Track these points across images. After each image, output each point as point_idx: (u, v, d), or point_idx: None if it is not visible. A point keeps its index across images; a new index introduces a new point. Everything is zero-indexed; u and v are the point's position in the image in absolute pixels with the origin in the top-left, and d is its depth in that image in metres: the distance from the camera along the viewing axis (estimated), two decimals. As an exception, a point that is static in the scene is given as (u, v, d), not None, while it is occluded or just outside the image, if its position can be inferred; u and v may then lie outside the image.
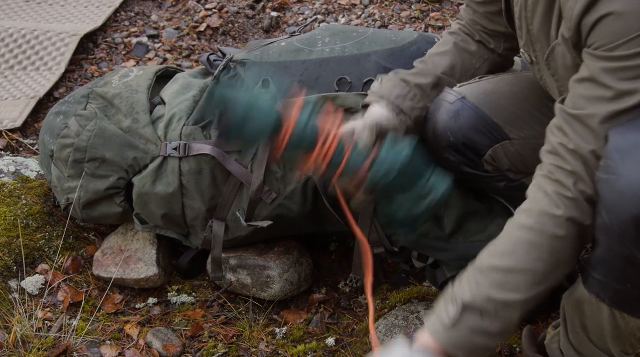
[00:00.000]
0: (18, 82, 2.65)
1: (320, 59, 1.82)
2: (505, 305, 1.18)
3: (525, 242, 1.19)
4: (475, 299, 1.19)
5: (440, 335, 1.21)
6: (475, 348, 1.21)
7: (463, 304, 1.19)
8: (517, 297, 1.18)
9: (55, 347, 1.72)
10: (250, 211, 1.79)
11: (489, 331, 1.19)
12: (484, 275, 1.21)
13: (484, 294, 1.19)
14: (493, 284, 1.19)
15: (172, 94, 1.88)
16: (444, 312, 1.22)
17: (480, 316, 1.19)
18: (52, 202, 2.05)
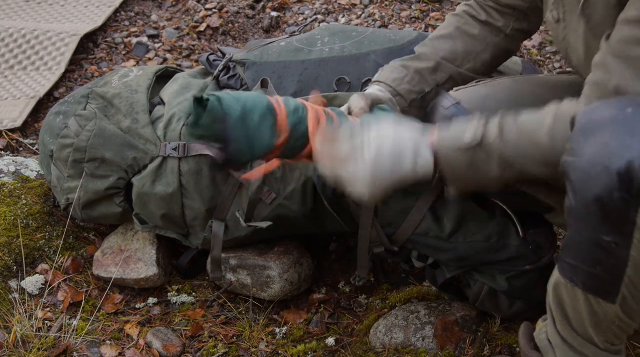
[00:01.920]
0: (18, 82, 2.65)
1: (319, 58, 1.82)
2: (509, 165, 1.21)
3: (549, 126, 1.20)
4: (491, 144, 1.22)
5: (445, 147, 1.25)
6: (465, 178, 1.26)
7: (482, 142, 1.22)
8: (529, 167, 1.21)
9: (55, 347, 1.72)
10: (249, 211, 1.79)
11: (487, 171, 1.24)
12: (512, 130, 1.22)
13: (502, 147, 1.21)
14: (514, 145, 1.21)
15: (171, 94, 1.88)
16: (461, 133, 1.24)
17: (487, 156, 1.22)
18: (52, 202, 2.05)
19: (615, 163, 1.02)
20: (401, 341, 1.75)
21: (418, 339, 1.74)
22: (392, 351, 1.74)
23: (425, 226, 1.74)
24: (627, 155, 1.01)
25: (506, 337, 1.76)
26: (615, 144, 1.03)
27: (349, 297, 1.96)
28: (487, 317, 1.82)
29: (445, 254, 1.74)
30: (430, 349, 1.73)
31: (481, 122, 1.25)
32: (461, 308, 1.80)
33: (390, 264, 2.03)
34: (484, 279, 1.73)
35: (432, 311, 1.79)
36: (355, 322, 1.88)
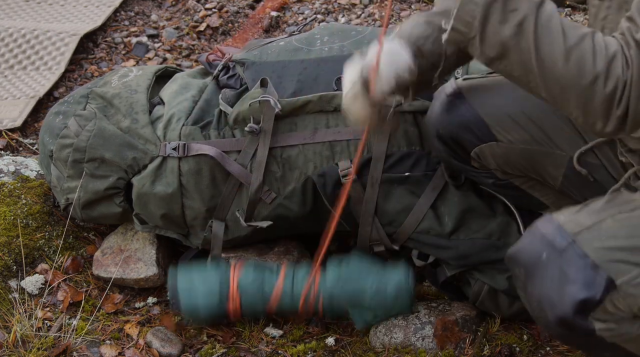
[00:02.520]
0: (18, 82, 2.64)
1: (319, 58, 1.82)
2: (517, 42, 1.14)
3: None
4: (529, 12, 1.14)
5: None
6: (475, 8, 1.16)
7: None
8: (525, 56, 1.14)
9: (55, 347, 1.72)
10: (250, 210, 1.79)
11: (496, 24, 1.15)
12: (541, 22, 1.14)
13: (535, 17, 1.14)
14: (544, 25, 1.14)
15: (171, 94, 1.88)
16: None
17: (513, 13, 1.14)
18: (52, 202, 2.05)
19: (554, 314, 1.17)
20: (401, 341, 1.75)
21: (418, 339, 1.74)
22: (392, 350, 1.74)
23: (426, 225, 1.74)
24: (558, 313, 1.16)
25: (506, 337, 1.76)
26: (545, 298, 1.18)
27: (349, 297, 1.96)
28: (487, 317, 1.81)
29: (446, 252, 1.74)
30: (430, 349, 1.73)
31: None
32: (461, 308, 1.80)
33: (390, 264, 2.03)
34: (484, 278, 1.73)
35: (432, 310, 1.79)
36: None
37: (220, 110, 1.82)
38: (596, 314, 1.16)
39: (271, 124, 1.74)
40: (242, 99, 1.78)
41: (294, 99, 1.75)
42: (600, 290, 1.13)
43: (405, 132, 1.75)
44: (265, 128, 1.75)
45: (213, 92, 1.88)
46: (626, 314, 1.15)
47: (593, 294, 1.14)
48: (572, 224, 1.19)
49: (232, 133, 1.80)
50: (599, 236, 1.17)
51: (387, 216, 1.76)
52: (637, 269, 1.13)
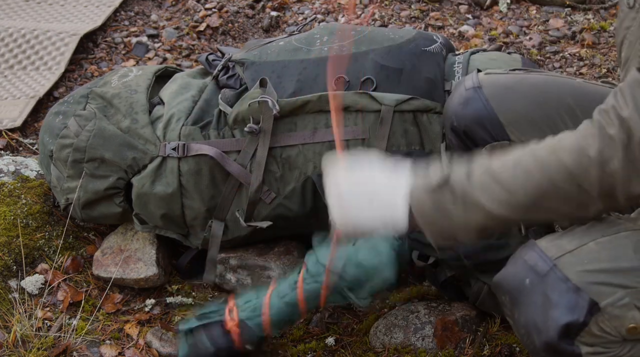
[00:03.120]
0: (18, 82, 2.65)
1: (318, 58, 1.82)
2: (475, 206, 1.18)
3: (525, 167, 1.17)
4: (457, 183, 1.18)
5: (417, 191, 1.22)
6: (433, 223, 1.22)
7: (448, 180, 1.19)
8: (489, 207, 1.17)
9: (55, 347, 1.72)
10: (249, 211, 1.79)
11: (453, 215, 1.19)
12: (480, 171, 1.20)
13: (466, 184, 1.18)
14: (479, 183, 1.18)
15: (170, 94, 1.88)
16: (431, 175, 1.22)
17: (453, 198, 1.18)
18: (52, 202, 2.05)
19: (540, 339, 1.18)
20: (401, 341, 1.75)
21: (418, 339, 1.74)
22: (392, 350, 1.74)
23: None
24: (544, 338, 1.17)
25: (506, 337, 1.76)
26: (531, 324, 1.19)
27: (349, 297, 1.96)
28: (487, 317, 1.81)
29: (446, 252, 1.74)
30: (430, 349, 1.73)
31: (449, 162, 1.23)
32: (461, 308, 1.80)
33: (390, 264, 2.03)
34: (484, 278, 1.73)
35: (432, 310, 1.79)
36: (355, 322, 1.88)
37: (219, 111, 1.82)
38: (582, 338, 1.15)
39: (270, 124, 1.74)
40: (242, 99, 1.78)
41: (294, 99, 1.75)
42: (583, 313, 1.13)
43: (405, 131, 1.75)
44: (264, 128, 1.75)
45: (213, 92, 1.88)
46: (614, 337, 1.15)
47: (576, 317, 1.13)
48: (554, 248, 1.19)
49: (232, 133, 1.80)
50: (581, 259, 1.16)
51: None
52: (621, 291, 1.13)
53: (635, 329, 1.13)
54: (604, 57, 2.75)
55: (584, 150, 1.10)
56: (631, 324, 1.13)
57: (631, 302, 1.12)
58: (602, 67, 2.70)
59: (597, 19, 2.95)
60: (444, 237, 1.24)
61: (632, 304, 1.12)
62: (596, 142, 1.09)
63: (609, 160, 1.08)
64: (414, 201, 1.22)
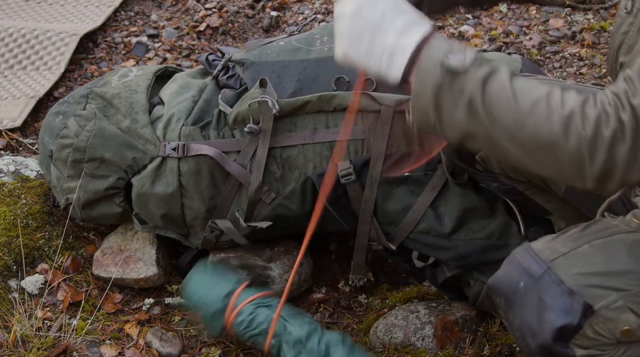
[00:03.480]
0: (18, 82, 2.65)
1: (318, 58, 1.81)
2: (476, 117, 1.11)
3: (544, 109, 1.08)
4: (471, 83, 1.09)
5: (429, 56, 1.11)
6: (425, 100, 1.12)
7: (466, 74, 1.09)
8: (490, 126, 1.10)
9: (55, 347, 1.72)
10: (249, 211, 1.79)
11: (450, 110, 1.11)
12: (498, 86, 1.10)
13: (479, 91, 1.09)
14: (493, 98, 1.09)
15: (170, 94, 1.88)
16: (453, 52, 1.10)
17: (459, 94, 1.09)
18: (51, 202, 2.05)
19: (535, 342, 1.18)
20: (401, 341, 1.75)
21: (418, 339, 1.74)
22: (392, 350, 1.74)
23: (426, 225, 1.74)
24: (539, 341, 1.17)
25: (506, 337, 1.76)
26: (526, 326, 1.18)
27: (349, 297, 1.96)
28: (487, 317, 1.81)
29: (446, 252, 1.74)
30: (430, 349, 1.73)
31: (478, 56, 1.11)
32: (461, 308, 1.80)
33: (390, 264, 2.03)
34: (484, 278, 1.73)
35: (432, 310, 1.79)
36: (355, 322, 1.88)
37: (219, 111, 1.82)
38: (577, 340, 1.15)
39: (270, 125, 1.74)
40: (242, 99, 1.78)
41: (294, 99, 1.75)
42: (578, 316, 1.13)
43: (405, 132, 1.75)
44: (264, 128, 1.75)
45: (213, 92, 1.88)
46: (609, 340, 1.15)
47: (571, 320, 1.13)
48: (548, 251, 1.19)
49: (232, 133, 1.80)
50: (575, 262, 1.16)
51: (388, 216, 1.76)
52: (615, 294, 1.13)
53: (629, 332, 1.13)
54: (604, 57, 2.75)
55: (601, 127, 1.06)
56: (625, 327, 1.13)
57: (625, 304, 1.12)
58: (602, 67, 2.70)
59: (597, 19, 2.95)
60: (427, 118, 1.15)
61: (626, 307, 1.13)
62: (612, 123, 1.06)
63: (619, 143, 1.06)
64: (421, 64, 1.11)
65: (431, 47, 1.12)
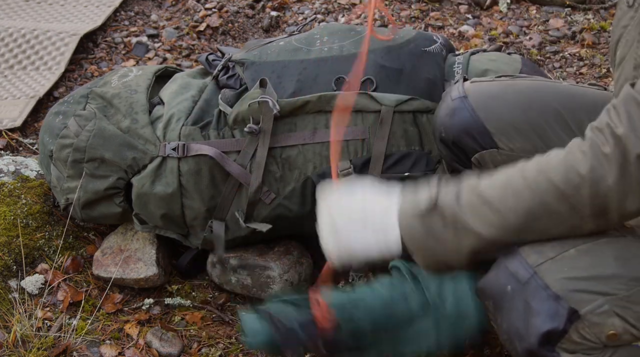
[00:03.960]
0: (18, 82, 2.65)
1: (318, 58, 1.82)
2: (465, 229, 1.18)
3: (514, 188, 1.17)
4: (446, 206, 1.19)
5: (406, 216, 1.22)
6: (424, 248, 1.22)
7: (437, 204, 1.19)
8: (480, 230, 1.18)
9: (55, 347, 1.72)
10: (249, 211, 1.79)
11: (444, 239, 1.19)
12: (468, 193, 1.19)
13: (456, 208, 1.19)
14: (469, 206, 1.18)
15: (170, 94, 1.88)
16: (420, 198, 1.22)
17: (443, 222, 1.19)
18: (52, 202, 2.05)
19: (522, 346, 1.18)
20: (401, 341, 1.74)
21: (418, 338, 1.74)
22: (391, 350, 1.74)
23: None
24: (525, 345, 1.17)
25: (506, 337, 1.76)
26: (513, 330, 1.19)
27: (348, 297, 1.96)
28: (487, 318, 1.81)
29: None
30: (430, 348, 1.73)
31: (437, 185, 1.22)
32: (461, 308, 1.80)
33: (390, 264, 2.03)
34: (483, 278, 1.73)
35: (432, 310, 1.79)
36: (355, 322, 1.88)
37: (219, 111, 1.82)
38: (563, 345, 1.16)
39: (270, 125, 1.74)
40: (242, 99, 1.78)
41: (294, 99, 1.75)
42: (563, 320, 1.13)
43: (405, 132, 1.75)
44: (264, 128, 1.75)
45: (213, 92, 1.88)
46: (595, 344, 1.15)
47: (556, 325, 1.13)
48: (535, 255, 1.19)
49: (232, 133, 1.80)
50: (562, 266, 1.16)
51: None
52: (601, 298, 1.13)
53: (615, 336, 1.13)
54: (604, 57, 2.75)
55: (575, 169, 1.11)
56: (611, 331, 1.13)
57: (611, 309, 1.13)
58: (602, 67, 2.70)
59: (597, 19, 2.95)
60: (435, 262, 1.24)
61: (612, 311, 1.13)
62: (588, 160, 1.10)
63: (602, 178, 1.09)
64: (403, 226, 1.22)
65: (404, 209, 1.23)
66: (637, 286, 1.13)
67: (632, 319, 1.13)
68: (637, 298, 1.13)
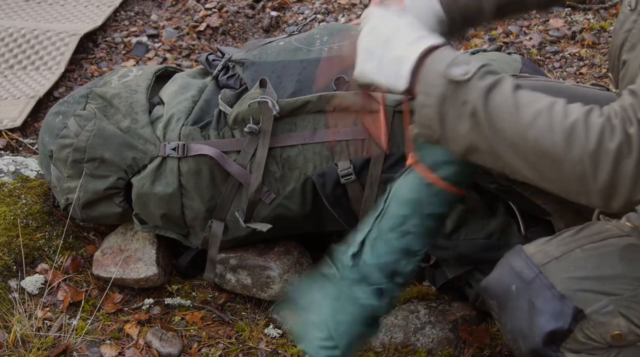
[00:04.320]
0: (18, 82, 2.65)
1: (318, 58, 1.82)
2: (479, 126, 1.08)
3: (549, 119, 1.05)
4: (475, 91, 1.07)
5: (432, 67, 1.10)
6: (430, 106, 1.10)
7: (468, 83, 1.07)
8: (491, 136, 1.07)
9: (55, 347, 1.72)
10: (249, 211, 1.79)
11: (452, 119, 1.09)
12: (503, 100, 1.07)
13: (481, 105, 1.07)
14: (496, 109, 1.07)
15: (170, 94, 1.88)
16: (457, 63, 1.08)
17: (462, 103, 1.08)
18: (52, 202, 2.05)
19: (526, 346, 1.18)
20: (401, 341, 1.75)
21: (418, 339, 1.74)
22: (392, 350, 1.74)
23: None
24: (530, 345, 1.17)
25: (506, 337, 1.76)
26: (517, 330, 1.19)
27: (348, 297, 1.96)
28: (487, 318, 1.81)
29: (446, 252, 1.74)
30: (430, 349, 1.73)
31: (483, 67, 1.09)
32: (461, 308, 1.80)
33: (390, 264, 2.03)
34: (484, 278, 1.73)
35: (432, 310, 1.79)
36: (355, 322, 1.88)
37: (219, 111, 1.82)
38: (568, 344, 1.16)
39: (270, 125, 1.74)
40: (242, 99, 1.78)
41: (294, 99, 1.75)
42: (568, 320, 1.13)
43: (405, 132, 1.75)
44: (264, 128, 1.75)
45: (213, 92, 1.88)
46: (600, 344, 1.15)
47: (561, 325, 1.13)
48: (541, 255, 1.18)
49: (232, 133, 1.80)
50: (567, 266, 1.16)
51: None
52: (606, 298, 1.13)
53: (620, 336, 1.13)
54: (604, 57, 2.75)
55: (605, 138, 1.03)
56: (616, 331, 1.13)
57: (616, 309, 1.13)
58: (602, 67, 2.70)
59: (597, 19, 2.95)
60: (430, 131, 1.14)
61: (617, 312, 1.13)
62: (617, 136, 1.02)
63: (624, 157, 1.03)
64: (425, 75, 1.10)
65: (435, 59, 1.11)
66: None
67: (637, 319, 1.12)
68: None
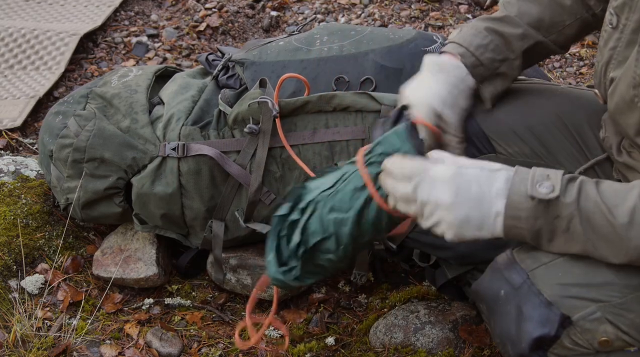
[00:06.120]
0: (18, 82, 2.65)
1: (318, 58, 1.82)
2: (574, 239, 1.13)
3: None
4: (568, 207, 1.11)
5: (516, 191, 1.13)
6: (521, 232, 1.15)
7: (558, 200, 1.11)
8: (593, 246, 1.12)
9: (55, 347, 1.72)
10: (249, 211, 1.79)
11: (547, 237, 1.14)
12: (594, 207, 1.11)
13: (575, 214, 1.11)
14: (590, 219, 1.10)
15: (170, 94, 1.88)
16: (536, 181, 1.12)
17: (554, 219, 1.12)
18: (52, 202, 2.05)
19: (514, 351, 1.18)
20: (401, 341, 1.75)
21: (418, 339, 1.74)
22: (392, 350, 1.74)
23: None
24: (517, 350, 1.17)
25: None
26: (505, 335, 1.19)
27: (348, 297, 1.96)
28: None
29: (446, 252, 1.74)
30: (430, 349, 1.73)
31: (561, 177, 1.13)
32: (461, 308, 1.80)
33: (390, 264, 2.03)
34: (484, 278, 1.73)
35: (432, 310, 1.79)
36: (355, 322, 1.88)
37: (219, 111, 1.82)
38: (555, 350, 1.16)
39: (270, 125, 1.74)
40: (242, 99, 1.78)
41: (293, 99, 1.75)
42: (555, 327, 1.13)
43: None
44: (264, 128, 1.75)
45: (213, 92, 1.88)
46: (587, 350, 1.15)
47: (548, 331, 1.13)
48: (530, 260, 1.18)
49: (232, 133, 1.80)
50: (555, 272, 1.16)
51: None
52: (594, 305, 1.13)
53: (607, 342, 1.13)
54: (604, 57, 2.75)
55: None
56: (603, 338, 1.13)
57: (603, 316, 1.13)
58: (602, 67, 2.70)
59: (597, 19, 2.95)
60: (524, 240, 1.19)
61: (604, 318, 1.13)
62: None
63: None
64: (511, 201, 1.13)
65: (515, 184, 1.14)
66: (631, 293, 1.13)
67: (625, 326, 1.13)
68: (630, 306, 1.13)
